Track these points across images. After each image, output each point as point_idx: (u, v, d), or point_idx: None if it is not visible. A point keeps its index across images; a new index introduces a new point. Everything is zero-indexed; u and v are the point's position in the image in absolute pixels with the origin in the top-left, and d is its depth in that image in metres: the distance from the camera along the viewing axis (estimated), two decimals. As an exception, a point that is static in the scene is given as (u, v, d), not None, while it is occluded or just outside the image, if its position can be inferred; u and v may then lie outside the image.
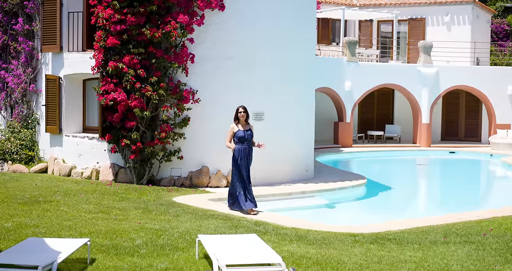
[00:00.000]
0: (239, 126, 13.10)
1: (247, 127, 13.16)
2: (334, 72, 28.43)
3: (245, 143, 13.10)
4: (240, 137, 13.02)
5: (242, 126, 13.10)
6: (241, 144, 13.10)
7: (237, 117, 13.12)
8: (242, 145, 13.10)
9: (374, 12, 32.53)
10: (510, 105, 30.08)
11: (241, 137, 13.02)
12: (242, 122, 13.12)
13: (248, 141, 13.11)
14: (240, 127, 13.08)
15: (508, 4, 40.64)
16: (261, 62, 16.87)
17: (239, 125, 13.10)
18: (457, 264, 8.38)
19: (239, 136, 13.02)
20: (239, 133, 13.03)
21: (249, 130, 13.13)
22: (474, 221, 12.09)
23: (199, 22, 15.91)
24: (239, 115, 13.07)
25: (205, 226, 10.92)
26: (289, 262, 8.37)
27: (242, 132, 13.04)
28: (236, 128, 13.08)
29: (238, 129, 13.06)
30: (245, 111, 13.12)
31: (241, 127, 13.09)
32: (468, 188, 20.55)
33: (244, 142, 13.07)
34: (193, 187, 16.22)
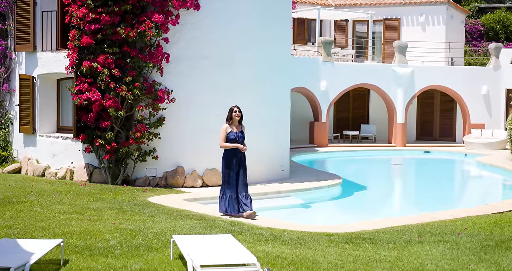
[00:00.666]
0: (233, 127, 12.38)
1: (240, 128, 12.47)
2: (310, 72, 28.48)
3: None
4: (231, 139, 12.29)
5: (235, 128, 12.39)
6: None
7: (230, 117, 12.39)
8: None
9: (349, 12, 32.64)
10: (484, 105, 30.33)
11: (232, 139, 12.29)
12: (236, 124, 12.42)
13: (240, 143, 12.37)
14: (234, 128, 12.37)
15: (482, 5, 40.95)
16: (236, 62, 16.84)
17: (232, 126, 12.38)
18: (432, 264, 8.41)
19: (230, 138, 12.29)
20: (231, 135, 12.29)
21: (241, 132, 12.43)
22: (449, 220, 12.15)
23: (174, 22, 15.84)
24: (234, 115, 12.34)
25: (180, 226, 10.86)
26: (264, 262, 8.35)
27: (234, 134, 12.31)
28: (229, 129, 12.34)
29: (231, 130, 12.34)
30: (240, 112, 12.42)
31: (234, 128, 12.38)
32: (443, 187, 20.67)
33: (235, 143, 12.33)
34: (168, 187, 16.15)
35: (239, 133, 12.34)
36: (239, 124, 12.45)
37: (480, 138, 29.12)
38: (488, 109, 30.36)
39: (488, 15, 38.49)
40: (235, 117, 12.34)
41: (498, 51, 30.44)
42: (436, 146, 30.17)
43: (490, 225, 11.32)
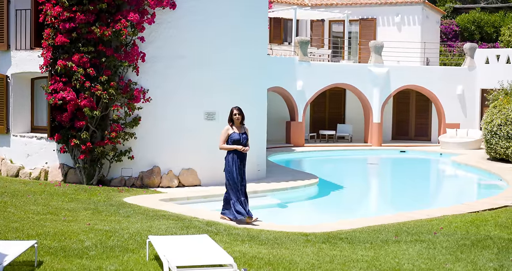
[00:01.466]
0: (234, 128, 11.98)
1: (242, 130, 12.07)
2: (286, 72, 28.48)
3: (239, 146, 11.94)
4: (235, 140, 11.88)
5: (237, 129, 11.98)
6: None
7: (231, 119, 12.01)
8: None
9: (325, 12, 32.70)
10: (459, 105, 30.53)
11: (236, 140, 11.88)
12: (237, 125, 12.02)
13: (243, 144, 11.95)
14: (236, 129, 11.97)
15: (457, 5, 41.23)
16: (213, 61, 16.77)
17: (234, 128, 11.98)
18: (409, 263, 8.41)
19: (233, 139, 11.88)
20: (234, 136, 11.88)
21: (244, 134, 12.04)
22: (425, 219, 12.19)
23: (150, 21, 15.74)
24: (234, 118, 11.95)
25: (156, 227, 10.78)
26: (241, 262, 8.30)
27: (237, 135, 11.90)
28: (231, 131, 11.94)
29: (233, 131, 11.94)
30: (240, 113, 11.98)
31: (236, 129, 11.97)
32: (419, 186, 20.76)
33: (238, 144, 11.91)
34: (144, 187, 16.04)
35: (242, 135, 11.96)
36: (241, 126, 12.09)
37: (455, 138, 29.30)
38: (463, 109, 30.56)
39: (463, 16, 38.76)
40: (235, 119, 11.96)
41: (473, 52, 30.65)
42: (411, 146, 30.30)
43: (466, 224, 11.36)
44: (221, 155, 16.82)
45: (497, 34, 36.63)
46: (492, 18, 37.89)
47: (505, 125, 22.84)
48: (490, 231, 10.75)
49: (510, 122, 22.77)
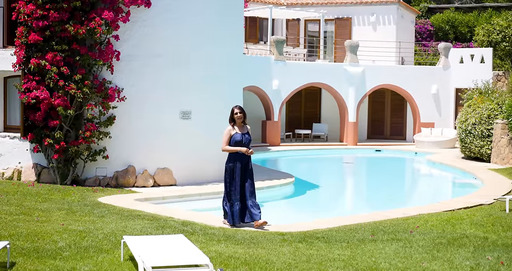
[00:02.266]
0: (236, 128, 11.39)
1: (245, 129, 11.48)
2: (262, 71, 28.43)
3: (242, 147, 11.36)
4: (237, 141, 11.27)
5: (239, 129, 11.39)
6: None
7: (232, 119, 11.40)
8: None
9: (301, 11, 32.70)
10: (434, 104, 30.68)
11: (239, 141, 11.27)
12: (239, 125, 11.41)
13: (245, 145, 11.35)
14: (237, 129, 11.38)
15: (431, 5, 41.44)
16: (189, 60, 16.67)
17: (235, 128, 11.39)
18: (385, 262, 8.38)
19: (236, 140, 11.28)
20: (236, 137, 11.27)
21: (247, 134, 11.43)
22: (401, 218, 12.19)
23: (125, 19, 15.59)
24: (235, 116, 11.35)
25: (131, 227, 10.66)
26: (217, 262, 8.22)
27: (240, 135, 11.30)
28: (234, 131, 11.34)
29: (235, 132, 11.34)
30: (242, 112, 11.39)
31: (238, 130, 11.38)
32: (394, 185, 20.82)
33: (240, 146, 11.32)
34: (119, 187, 15.90)
35: (245, 135, 11.37)
36: (243, 125, 11.49)
37: (430, 137, 29.44)
38: (438, 108, 30.73)
39: (437, 15, 38.98)
40: (236, 119, 11.37)
41: (447, 51, 30.82)
42: (387, 145, 30.42)
43: (441, 223, 11.39)
44: (196, 154, 16.83)
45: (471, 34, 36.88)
46: (466, 18, 38.15)
47: (479, 124, 22.98)
48: (466, 229, 10.78)
49: (485, 122, 22.92)
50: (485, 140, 22.81)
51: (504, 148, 21.58)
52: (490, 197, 14.66)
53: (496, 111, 22.89)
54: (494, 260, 8.38)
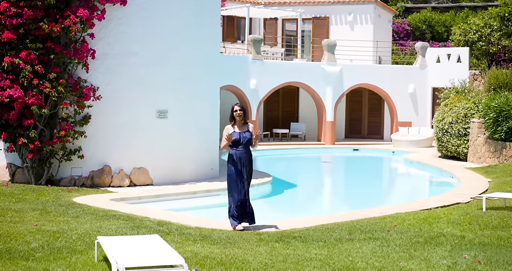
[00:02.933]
0: (235, 127, 10.95)
1: (245, 128, 10.99)
2: (239, 70, 28.34)
3: (240, 146, 10.89)
4: (235, 140, 10.85)
5: (238, 128, 10.93)
6: (236, 148, 10.92)
7: (232, 118, 10.97)
8: (236, 149, 10.92)
9: (278, 10, 32.65)
10: (411, 103, 30.77)
11: (236, 141, 10.84)
12: (239, 123, 10.95)
13: (244, 144, 10.90)
14: (236, 128, 10.93)
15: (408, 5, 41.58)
16: (165, 59, 16.54)
17: (235, 127, 10.94)
18: (362, 261, 8.32)
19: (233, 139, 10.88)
20: (234, 136, 10.81)
21: (246, 132, 10.93)
22: (378, 217, 12.15)
23: (100, 17, 15.43)
24: (235, 114, 10.92)
25: (105, 227, 10.52)
26: (193, 263, 8.12)
27: (237, 134, 10.83)
28: (231, 130, 10.91)
29: (233, 131, 10.91)
30: (242, 110, 10.95)
31: (237, 128, 10.93)
32: (372, 184, 20.83)
33: (239, 145, 10.89)
34: (94, 186, 15.73)
35: (243, 134, 10.87)
36: (243, 124, 11.01)
37: (407, 136, 29.51)
38: (415, 108, 30.82)
39: (414, 15, 39.11)
40: (236, 117, 10.93)
41: (424, 50, 30.92)
42: (364, 144, 30.45)
43: (419, 222, 11.36)
44: (173, 153, 16.70)
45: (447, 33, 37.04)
46: (443, 17, 38.31)
47: (456, 123, 23.06)
48: (442, 228, 10.76)
49: (461, 120, 23.00)
50: (461, 139, 22.89)
51: (480, 146, 21.66)
52: (467, 195, 14.68)
53: (473, 110, 22.98)
54: (471, 259, 8.36)
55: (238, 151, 10.92)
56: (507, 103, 20.18)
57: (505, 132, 20.19)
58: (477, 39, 30.19)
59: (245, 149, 10.95)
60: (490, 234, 10.15)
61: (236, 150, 10.91)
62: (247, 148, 11.00)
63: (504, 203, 12.92)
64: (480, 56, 30.47)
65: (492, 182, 17.22)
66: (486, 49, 30.03)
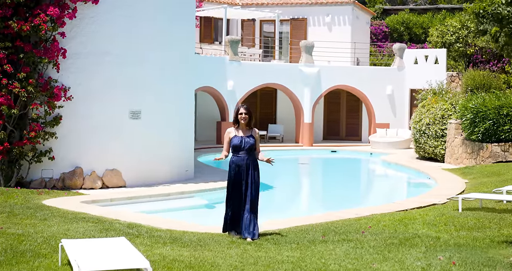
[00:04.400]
0: (238, 131, 10.11)
1: (249, 132, 10.14)
2: (216, 71, 28.08)
3: (240, 152, 10.02)
4: (235, 145, 9.99)
5: (242, 132, 10.09)
6: (236, 153, 10.05)
7: (236, 120, 10.12)
8: (237, 155, 10.04)
9: (256, 11, 32.45)
10: (389, 105, 30.68)
11: (236, 145, 9.99)
12: (243, 127, 10.11)
13: (245, 150, 10.02)
14: (240, 132, 10.08)
15: (386, 6, 41.57)
16: (139, 59, 16.27)
17: (238, 130, 10.10)
18: (335, 263, 8.11)
19: (233, 144, 10.00)
20: (234, 141, 9.99)
21: (249, 137, 10.08)
22: (353, 219, 11.97)
23: (71, 15, 15.13)
24: (240, 117, 10.03)
25: (73, 230, 10.23)
26: (160, 266, 7.85)
27: (239, 139, 9.98)
28: (233, 134, 10.09)
29: (234, 134, 10.09)
30: (248, 113, 10.06)
31: (241, 132, 10.09)
32: (349, 186, 20.67)
33: (239, 151, 10.03)
34: (66, 189, 15.41)
35: (245, 138, 10.03)
36: (248, 128, 10.16)
37: (385, 137, 29.41)
38: (393, 109, 30.74)
39: (392, 17, 39.09)
40: (241, 120, 10.05)
41: (402, 52, 30.85)
42: (342, 146, 30.31)
43: (394, 223, 11.18)
44: (146, 154, 16.42)
45: (425, 35, 37.03)
46: (420, 19, 38.31)
47: (433, 124, 22.98)
48: (418, 229, 10.58)
49: (439, 122, 22.93)
50: (439, 140, 22.81)
51: (457, 147, 21.58)
52: (443, 196, 14.54)
53: (450, 112, 22.91)
54: (445, 260, 8.17)
55: (238, 157, 10.01)
56: (484, 104, 20.11)
57: (482, 133, 20.12)
58: (454, 41, 30.19)
59: (247, 155, 10.04)
60: (466, 235, 9.99)
61: (236, 156, 10.02)
62: (250, 154, 10.10)
63: (481, 204, 12.78)
64: (457, 57, 30.46)
65: (469, 182, 17.12)
66: (464, 51, 30.04)
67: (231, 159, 10.09)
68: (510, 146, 19.70)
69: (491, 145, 20.06)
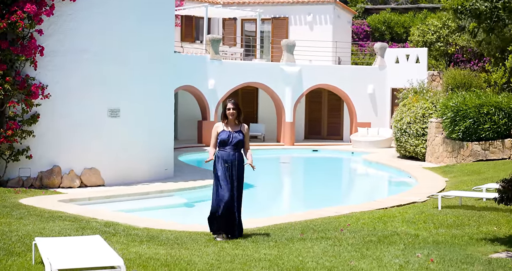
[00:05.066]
0: (227, 126, 9.77)
1: (237, 128, 9.80)
2: (197, 70, 27.93)
3: (227, 147, 9.67)
4: (222, 139, 9.65)
5: (230, 127, 9.76)
6: (223, 148, 9.71)
7: (225, 116, 9.82)
8: (224, 150, 9.70)
9: (237, 10, 32.33)
10: (370, 104, 30.67)
11: (223, 140, 9.65)
12: (232, 123, 9.80)
13: (232, 145, 9.67)
14: (228, 127, 9.76)
15: (368, 6, 41.61)
16: (116, 57, 16.12)
17: (227, 126, 9.77)
18: (312, 261, 8.04)
19: (221, 139, 9.66)
20: (222, 136, 9.66)
21: (238, 132, 9.74)
22: (333, 216, 11.92)
23: (49, 13, 14.96)
24: (228, 113, 9.76)
25: (49, 229, 10.09)
26: (135, 264, 7.75)
27: (226, 133, 9.66)
28: (221, 128, 9.76)
29: (222, 129, 9.76)
30: (236, 108, 9.77)
31: (229, 127, 9.76)
32: (331, 185, 20.61)
33: (226, 146, 9.69)
34: (43, 188, 15.23)
35: (234, 133, 9.70)
36: (236, 124, 9.83)
37: (366, 136, 29.40)
38: (374, 108, 30.73)
39: (374, 16, 39.09)
40: (229, 115, 9.76)
41: (383, 51, 30.85)
42: (324, 145, 30.27)
43: (373, 221, 11.14)
44: (125, 153, 16.28)
45: (407, 34, 37.06)
46: (402, 18, 38.34)
47: (414, 123, 23.00)
48: (397, 227, 10.54)
49: (419, 120, 22.95)
50: (419, 139, 22.83)
51: (438, 146, 21.60)
52: (423, 194, 14.52)
53: (431, 110, 22.94)
54: (424, 258, 8.13)
55: (224, 152, 9.66)
56: (464, 103, 20.14)
57: (462, 132, 20.15)
58: (435, 40, 30.21)
59: (234, 151, 9.68)
60: (445, 233, 9.96)
61: (223, 150, 9.69)
62: (237, 150, 9.75)
63: (460, 202, 12.77)
64: (438, 57, 30.48)
65: (449, 181, 17.13)
66: (445, 50, 30.06)
67: (216, 154, 9.73)
68: (491, 144, 19.75)
69: (472, 144, 20.09)
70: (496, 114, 19.65)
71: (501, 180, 9.33)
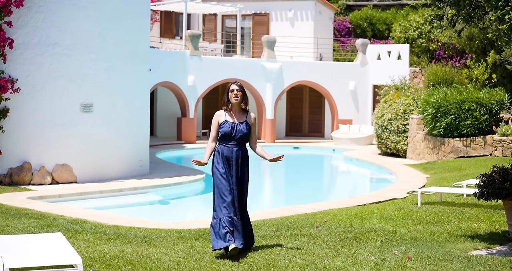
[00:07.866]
0: (230, 115, 7.97)
1: (243, 118, 7.97)
2: (176, 66, 27.50)
3: (229, 143, 7.92)
4: (225, 133, 7.87)
5: (235, 115, 7.95)
6: (225, 143, 7.95)
7: (228, 100, 7.96)
8: (225, 145, 7.94)
9: (217, 6, 31.89)
10: (352, 100, 30.38)
11: (226, 134, 7.87)
12: (236, 109, 7.96)
13: (236, 140, 7.89)
14: (232, 117, 7.95)
15: (350, 2, 41.33)
16: (90, 50, 15.70)
17: (230, 114, 7.97)
18: (285, 259, 7.67)
19: (223, 131, 7.87)
20: (224, 128, 7.88)
21: (243, 124, 7.92)
22: (310, 213, 11.58)
23: (18, 4, 14.50)
24: (231, 95, 7.92)
25: (13, 226, 9.69)
26: (98, 262, 7.36)
27: (229, 125, 7.87)
28: (223, 118, 7.94)
29: (225, 119, 7.94)
30: (241, 90, 7.92)
31: (234, 117, 7.95)
32: (311, 182, 20.30)
33: (229, 141, 7.92)
34: (13, 185, 14.79)
35: (238, 125, 7.90)
36: (241, 111, 8.00)
37: (348, 133, 29.12)
38: (356, 105, 30.45)
39: (356, 13, 38.82)
40: (233, 99, 7.91)
41: (364, 47, 30.57)
42: (305, 142, 29.95)
43: (350, 217, 10.80)
44: (98, 149, 15.85)
45: (389, 31, 36.83)
46: (384, 15, 38.09)
47: (395, 119, 22.73)
48: (374, 223, 10.21)
49: (400, 117, 22.69)
50: (401, 135, 22.57)
51: (419, 143, 21.33)
52: (403, 191, 14.24)
53: (412, 107, 22.69)
54: (400, 255, 7.79)
55: (226, 147, 7.91)
56: (446, 99, 19.88)
57: (443, 128, 19.89)
58: (417, 36, 29.95)
59: (238, 147, 7.92)
60: (423, 229, 9.64)
61: (225, 145, 7.93)
62: (242, 145, 7.98)
63: (440, 198, 12.46)
64: (420, 53, 30.23)
65: (430, 177, 16.85)
66: (426, 47, 29.82)
67: (216, 148, 7.99)
68: (472, 140, 19.49)
69: (453, 140, 19.84)
70: (477, 110, 19.41)
71: (481, 175, 9.03)
